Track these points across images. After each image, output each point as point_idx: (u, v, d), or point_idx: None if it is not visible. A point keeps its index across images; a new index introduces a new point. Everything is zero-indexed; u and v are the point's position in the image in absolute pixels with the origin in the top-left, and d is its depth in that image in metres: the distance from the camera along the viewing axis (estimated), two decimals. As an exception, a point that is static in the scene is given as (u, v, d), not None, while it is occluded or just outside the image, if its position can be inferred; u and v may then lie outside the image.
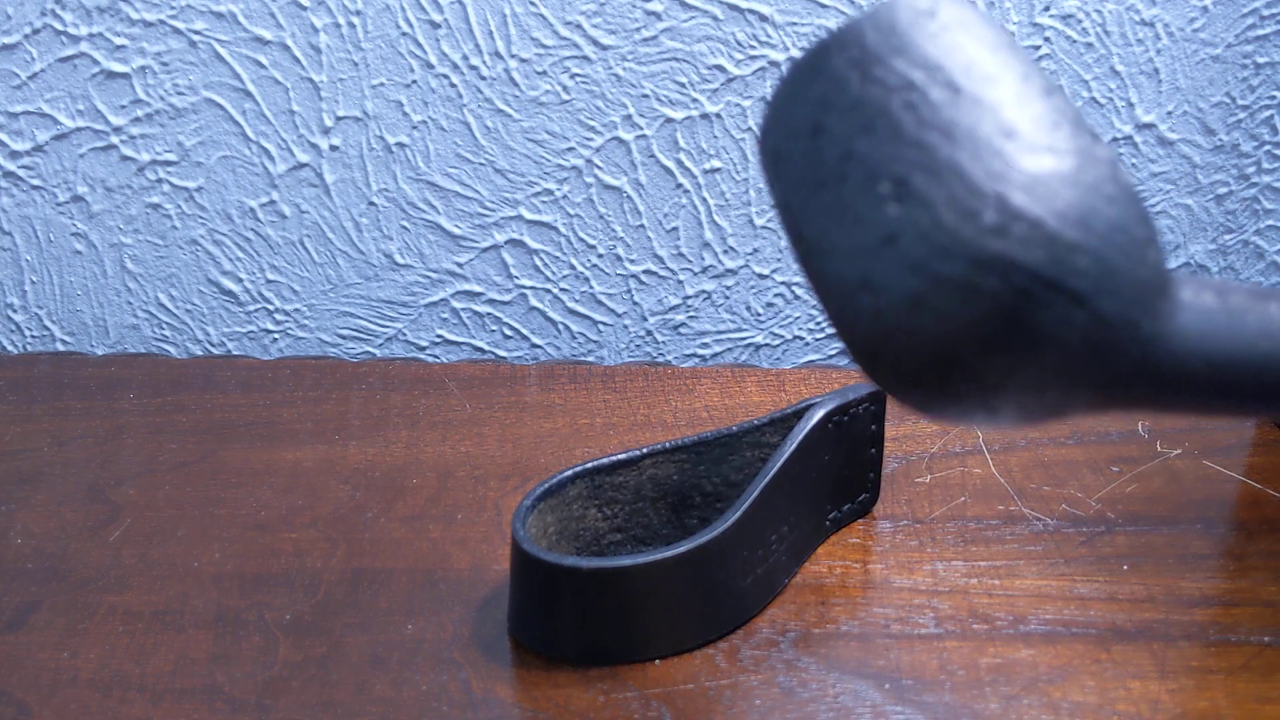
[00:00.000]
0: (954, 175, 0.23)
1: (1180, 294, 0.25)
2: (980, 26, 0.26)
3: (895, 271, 0.23)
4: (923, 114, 0.24)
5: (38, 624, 0.45)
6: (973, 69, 0.25)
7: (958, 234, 0.23)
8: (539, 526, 0.46)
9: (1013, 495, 0.54)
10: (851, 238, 0.24)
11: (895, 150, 0.24)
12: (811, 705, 0.41)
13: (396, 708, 0.41)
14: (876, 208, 0.24)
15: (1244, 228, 0.71)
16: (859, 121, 0.25)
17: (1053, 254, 0.22)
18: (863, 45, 0.25)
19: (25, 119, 0.68)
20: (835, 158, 0.25)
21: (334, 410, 0.62)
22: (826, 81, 0.25)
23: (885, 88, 0.25)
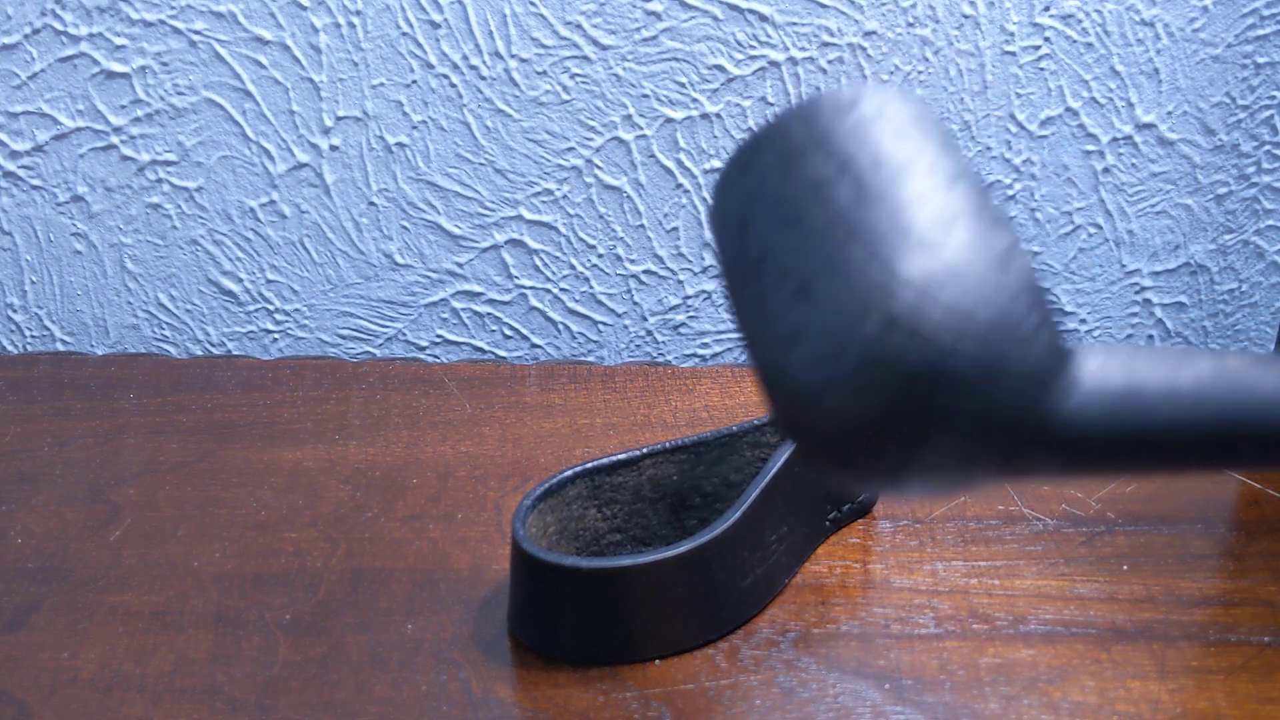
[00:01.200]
0: (848, 277, 0.25)
1: (1081, 371, 0.26)
2: (898, 115, 0.27)
3: (800, 366, 0.25)
4: (831, 212, 0.25)
5: (38, 624, 0.45)
6: (881, 163, 0.26)
7: (849, 336, 0.24)
8: (539, 526, 0.46)
9: (1013, 495, 0.54)
10: (767, 330, 0.26)
11: (804, 248, 0.26)
12: (811, 705, 0.41)
13: (396, 708, 0.41)
14: (786, 306, 0.26)
15: (1244, 228, 0.71)
16: (779, 218, 0.26)
17: (934, 353, 0.24)
18: (787, 139, 0.27)
19: (25, 119, 0.68)
20: (757, 253, 0.27)
21: (334, 410, 0.62)
22: (754, 176, 0.27)
23: (802, 184, 0.26)
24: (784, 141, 0.26)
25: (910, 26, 0.66)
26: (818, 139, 0.26)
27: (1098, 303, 0.72)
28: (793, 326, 0.25)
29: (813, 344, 0.25)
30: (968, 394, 0.24)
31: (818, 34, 0.66)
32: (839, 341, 0.24)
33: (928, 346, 0.24)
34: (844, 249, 0.25)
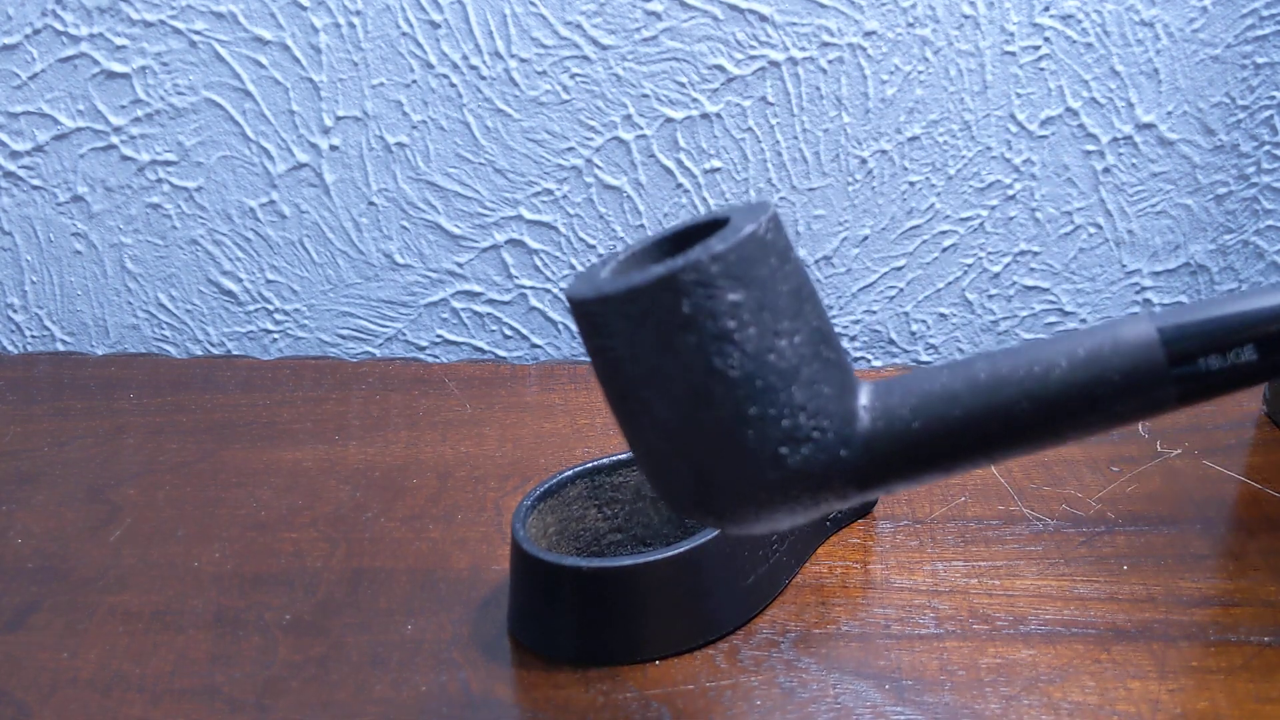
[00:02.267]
0: (731, 447, 0.32)
1: (865, 410, 0.32)
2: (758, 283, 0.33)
3: (685, 485, 0.33)
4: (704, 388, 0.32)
5: (37, 624, 0.45)
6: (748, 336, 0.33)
7: (736, 478, 0.32)
8: (539, 526, 0.46)
9: (1013, 495, 0.54)
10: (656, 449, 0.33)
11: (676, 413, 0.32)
12: (812, 706, 0.41)
13: (396, 708, 0.41)
14: (661, 447, 0.33)
15: (1244, 228, 0.71)
16: (653, 377, 0.32)
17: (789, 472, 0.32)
18: (666, 311, 0.32)
19: (26, 119, 0.68)
20: (625, 389, 0.33)
21: (334, 410, 0.62)
22: (633, 324, 0.32)
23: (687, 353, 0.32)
24: (664, 312, 0.31)
25: (910, 26, 0.66)
26: (692, 315, 0.31)
27: (1098, 303, 0.72)
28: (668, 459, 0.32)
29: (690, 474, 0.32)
30: (797, 486, 0.32)
31: (818, 34, 0.66)
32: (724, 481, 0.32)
33: (775, 473, 0.31)
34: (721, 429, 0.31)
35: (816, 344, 0.32)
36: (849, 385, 0.33)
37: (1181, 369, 0.31)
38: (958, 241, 0.71)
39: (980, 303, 0.72)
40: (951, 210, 0.70)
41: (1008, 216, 0.70)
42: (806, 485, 0.32)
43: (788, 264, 0.32)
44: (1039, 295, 0.72)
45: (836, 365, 0.33)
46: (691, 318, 0.30)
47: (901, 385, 0.33)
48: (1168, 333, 0.31)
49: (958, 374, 0.32)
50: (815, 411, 0.31)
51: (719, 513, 0.32)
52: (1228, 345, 0.31)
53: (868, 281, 0.72)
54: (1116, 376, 0.31)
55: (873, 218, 0.70)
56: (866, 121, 0.68)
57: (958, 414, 0.31)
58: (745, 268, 0.31)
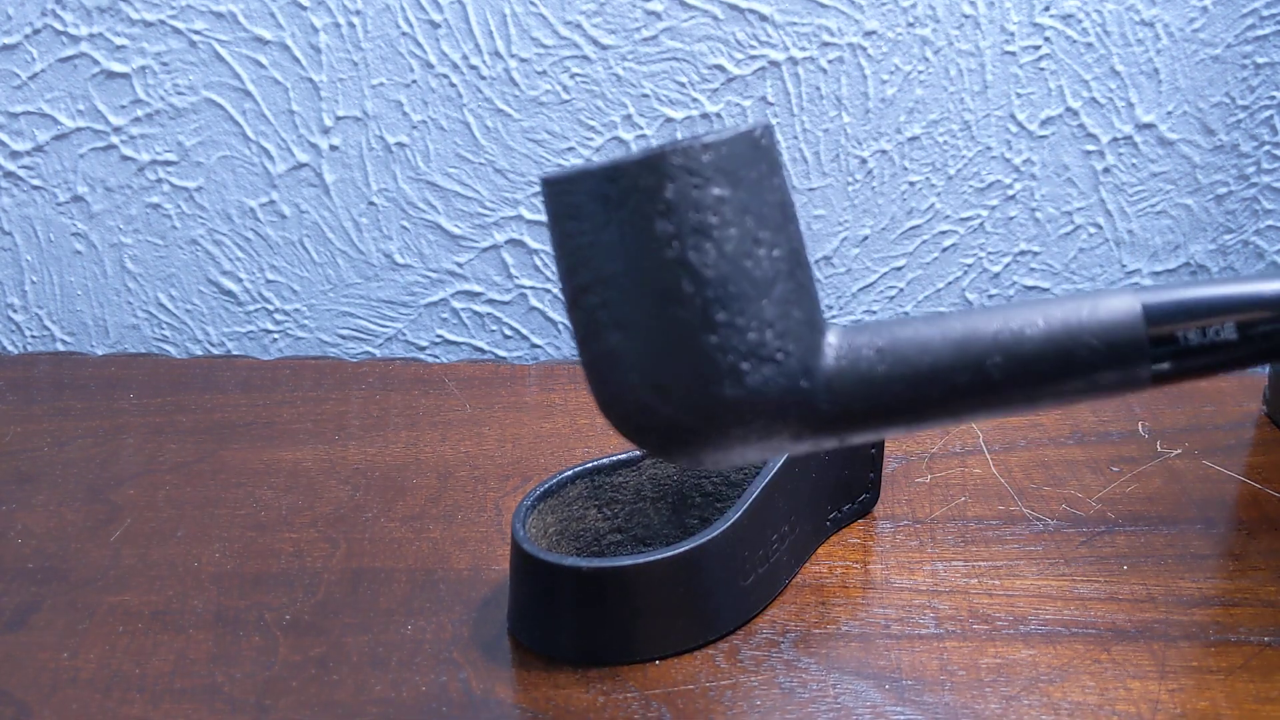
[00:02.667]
0: (684, 340, 0.30)
1: (833, 348, 0.31)
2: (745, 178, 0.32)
3: (631, 385, 0.31)
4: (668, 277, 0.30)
5: (38, 624, 0.45)
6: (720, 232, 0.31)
7: (681, 375, 0.31)
8: (539, 526, 0.46)
9: (1013, 495, 0.54)
10: (603, 342, 0.31)
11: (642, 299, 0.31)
12: (812, 706, 0.41)
13: (396, 708, 0.41)
14: (614, 335, 0.31)
15: (1244, 228, 0.71)
16: (617, 259, 0.30)
17: (734, 389, 0.30)
18: (644, 193, 0.30)
19: (26, 119, 0.68)
20: (589, 278, 0.31)
21: (334, 410, 0.62)
22: (603, 207, 0.31)
23: (656, 243, 0.31)
24: (641, 194, 0.30)
25: (910, 26, 0.66)
26: (669, 201, 0.30)
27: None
28: (617, 350, 0.31)
29: (644, 366, 0.30)
30: (751, 409, 0.30)
31: (818, 34, 0.66)
32: (670, 378, 0.30)
33: (732, 389, 0.30)
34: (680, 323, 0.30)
35: (793, 265, 0.31)
36: (818, 318, 0.32)
37: (1160, 338, 0.31)
38: (958, 241, 0.71)
39: (980, 303, 0.72)
40: (951, 210, 0.70)
41: (1008, 216, 0.70)
42: (761, 410, 0.30)
43: (777, 176, 0.31)
44: (1039, 295, 0.72)
45: (809, 294, 0.32)
46: (673, 205, 0.29)
47: (871, 328, 0.32)
48: (1149, 304, 0.31)
49: (931, 323, 0.31)
50: (783, 331, 0.30)
51: (665, 430, 0.31)
52: (1208, 321, 0.31)
53: (868, 281, 0.72)
54: (1094, 340, 0.31)
55: (873, 218, 0.70)
56: (866, 121, 0.68)
57: (926, 361, 0.31)
58: (735, 165, 0.30)
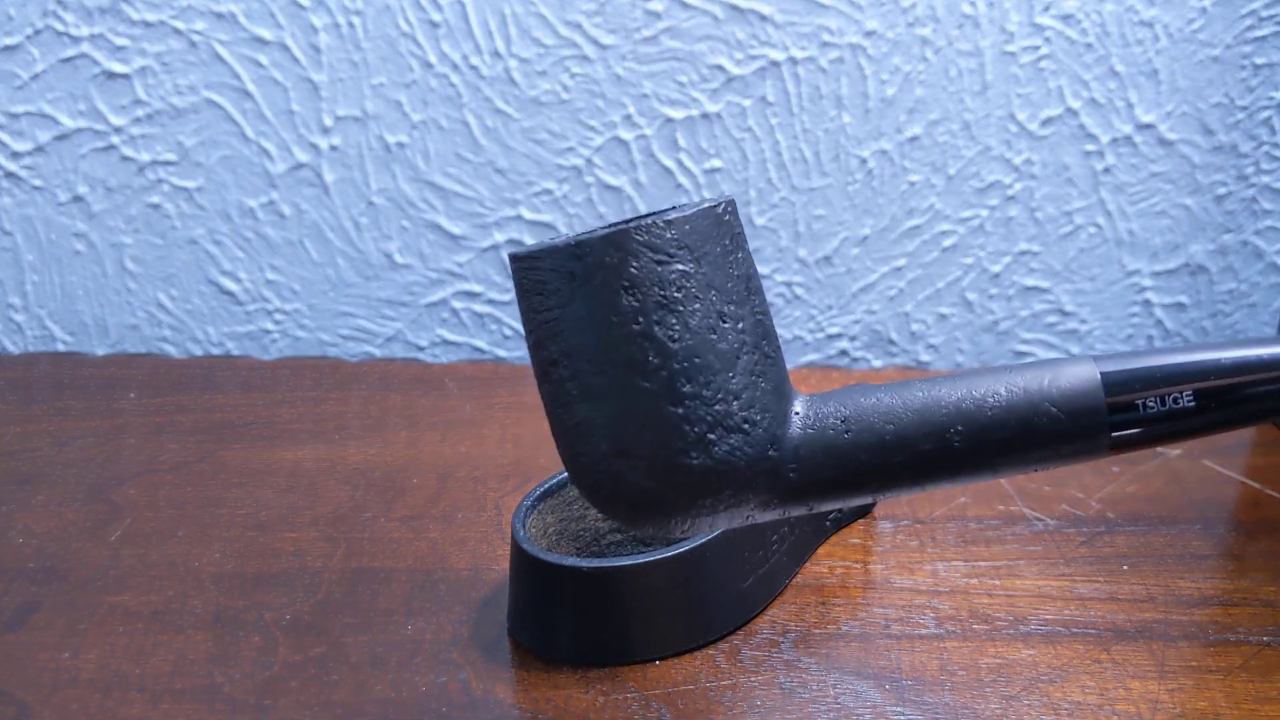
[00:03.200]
0: (654, 412, 0.31)
1: (798, 417, 0.32)
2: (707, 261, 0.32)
3: (605, 462, 0.32)
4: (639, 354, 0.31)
5: (38, 624, 0.45)
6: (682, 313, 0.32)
7: (655, 450, 0.31)
8: (539, 526, 0.46)
9: (1013, 495, 0.54)
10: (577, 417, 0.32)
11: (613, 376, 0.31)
12: (812, 706, 0.41)
13: (396, 708, 0.41)
14: (585, 407, 0.32)
15: (1243, 228, 0.71)
16: (592, 335, 0.31)
17: (709, 462, 0.31)
18: (613, 267, 0.31)
19: (26, 119, 0.68)
20: (559, 353, 0.32)
21: (334, 410, 0.62)
22: (573, 283, 0.31)
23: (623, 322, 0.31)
24: (607, 271, 0.30)
25: (910, 26, 0.66)
26: (636, 277, 0.30)
27: (1098, 303, 0.72)
28: (589, 422, 0.31)
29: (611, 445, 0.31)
30: (718, 480, 0.31)
31: (818, 34, 0.66)
32: (642, 455, 0.31)
33: (700, 458, 0.31)
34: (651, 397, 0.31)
35: (759, 337, 0.32)
36: (785, 388, 0.32)
37: (1119, 406, 0.31)
38: (958, 241, 0.71)
39: (980, 303, 0.72)
40: (951, 210, 0.70)
41: (1008, 216, 0.70)
42: (729, 480, 0.31)
43: (740, 251, 0.32)
44: (1039, 295, 0.72)
45: (775, 365, 0.32)
46: (637, 280, 0.30)
47: (837, 397, 0.33)
48: (1109, 372, 0.31)
49: (895, 392, 0.32)
50: (749, 403, 0.31)
51: (635, 499, 0.31)
52: (1167, 390, 0.31)
53: (868, 281, 0.72)
54: (1054, 409, 0.31)
55: (873, 218, 0.70)
56: (866, 121, 0.68)
57: (891, 430, 0.31)
58: (698, 241, 0.31)
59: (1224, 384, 0.31)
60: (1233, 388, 0.31)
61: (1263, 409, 0.32)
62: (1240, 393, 0.31)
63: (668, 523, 0.32)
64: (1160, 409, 0.31)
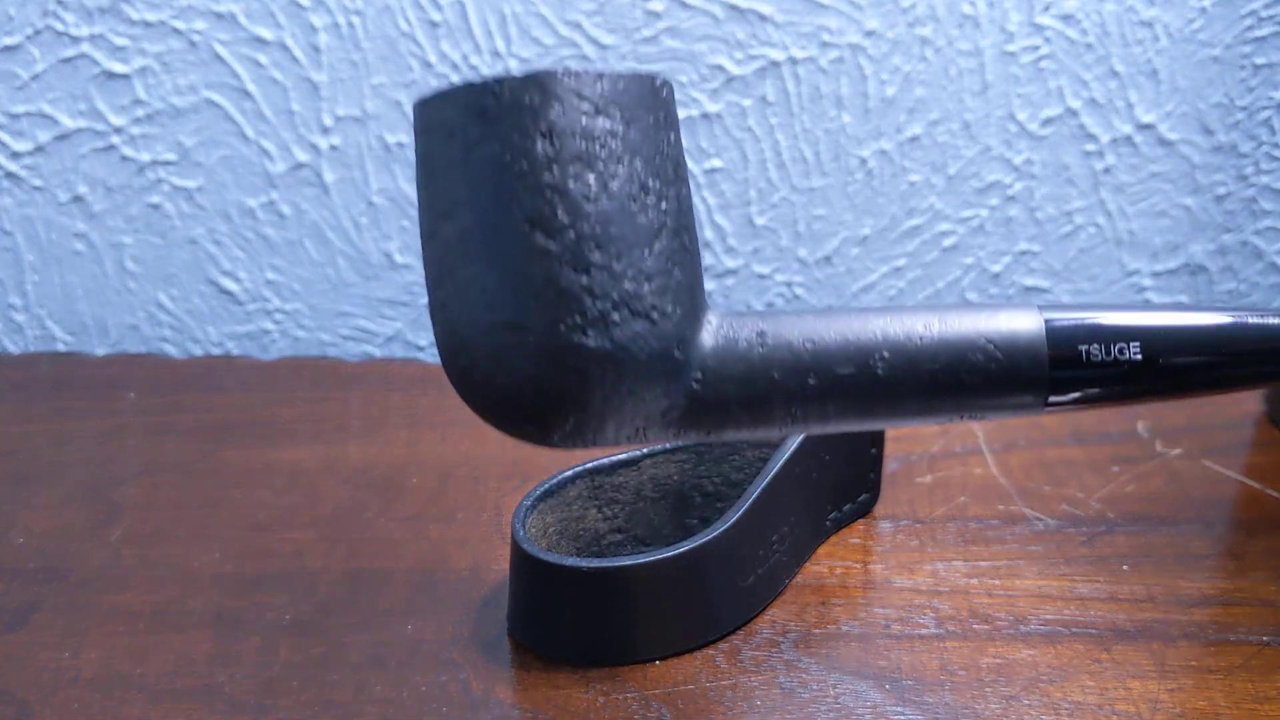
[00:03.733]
0: (541, 274, 0.28)
1: (711, 329, 0.29)
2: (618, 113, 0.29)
3: (485, 334, 0.28)
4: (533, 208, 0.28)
5: (39, 624, 0.45)
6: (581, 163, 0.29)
7: (532, 323, 0.28)
8: (539, 526, 0.46)
9: (1013, 495, 0.54)
10: (463, 283, 0.28)
11: (504, 230, 0.28)
12: (812, 706, 0.41)
13: (396, 708, 0.41)
14: (476, 267, 0.28)
15: (1242, 228, 0.71)
16: (488, 182, 0.28)
17: (601, 345, 0.28)
18: (516, 113, 0.28)
19: (27, 119, 0.68)
20: (452, 201, 0.28)
21: (334, 410, 0.62)
22: (479, 127, 0.28)
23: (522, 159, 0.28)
24: (512, 114, 0.27)
25: (910, 26, 0.66)
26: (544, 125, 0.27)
27: (1098, 303, 0.72)
28: (480, 294, 0.27)
29: (499, 316, 0.27)
30: (615, 369, 0.28)
31: (818, 34, 0.66)
32: (524, 326, 0.27)
33: (598, 339, 0.27)
34: (538, 255, 0.27)
35: (680, 225, 0.29)
36: (700, 293, 0.29)
37: (1063, 353, 0.29)
38: (958, 241, 0.71)
39: (980, 303, 0.72)
40: (951, 210, 0.70)
41: (1008, 216, 0.70)
42: (624, 371, 0.28)
43: (673, 132, 0.29)
44: (1039, 295, 0.72)
45: (693, 263, 0.29)
46: (557, 127, 0.27)
47: (758, 313, 0.30)
48: (1054, 318, 0.29)
49: (822, 314, 0.29)
50: (661, 289, 0.28)
51: (512, 385, 0.28)
52: (1113, 340, 0.29)
53: (868, 281, 0.72)
54: (990, 345, 0.29)
55: (873, 217, 0.70)
56: (866, 121, 0.68)
57: (809, 348, 0.29)
58: (630, 103, 0.28)
59: (1175, 342, 0.29)
60: (1187, 349, 0.29)
61: (1214, 377, 0.30)
62: (1190, 358, 0.29)
63: (546, 421, 0.28)
64: (1104, 358, 0.29)
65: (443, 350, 0.29)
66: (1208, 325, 0.30)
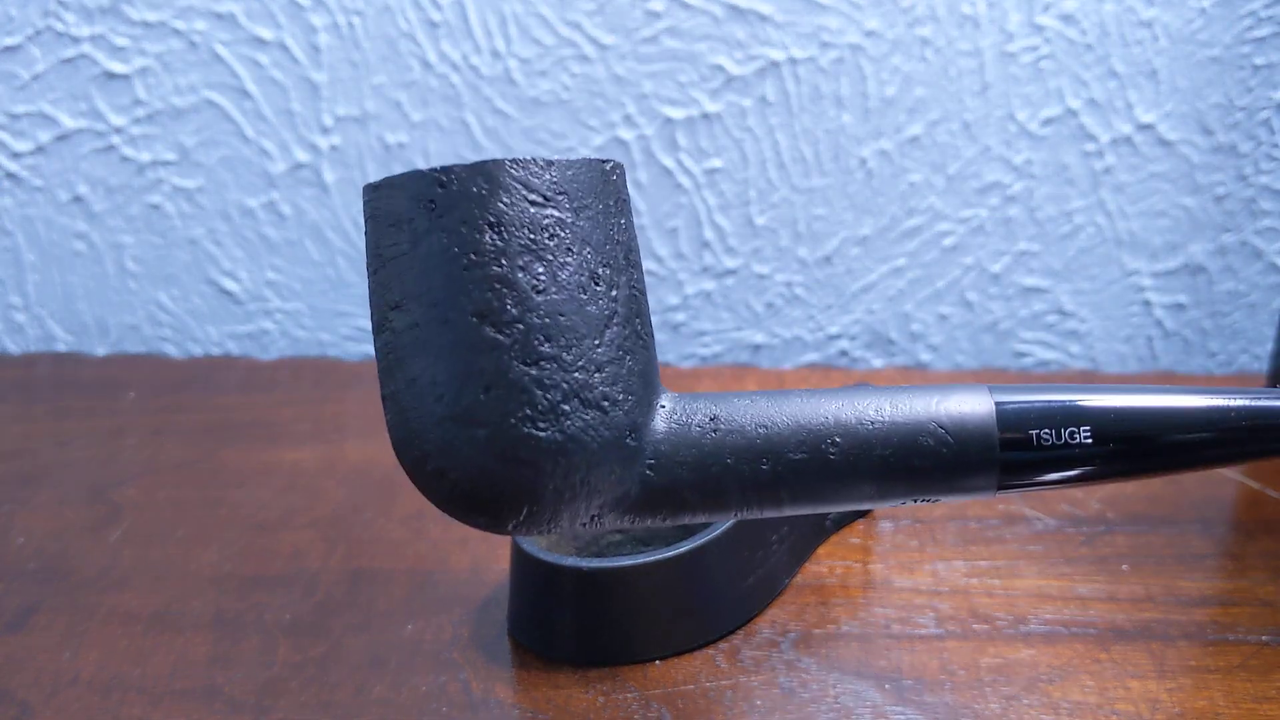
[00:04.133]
0: (491, 371, 0.28)
1: (663, 409, 0.29)
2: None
3: (436, 430, 0.28)
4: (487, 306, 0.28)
5: (39, 624, 0.45)
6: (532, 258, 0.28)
7: (480, 419, 0.28)
8: (539, 527, 0.46)
9: (1013, 495, 0.54)
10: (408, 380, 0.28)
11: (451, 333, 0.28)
12: (812, 706, 0.41)
13: (396, 708, 0.41)
14: (427, 362, 0.28)
15: (1242, 228, 0.71)
16: (436, 278, 0.28)
17: (553, 441, 0.27)
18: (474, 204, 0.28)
19: (27, 119, 0.68)
20: (398, 296, 0.28)
21: (333, 410, 0.62)
22: (430, 219, 0.28)
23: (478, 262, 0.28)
24: (468, 204, 0.27)
25: (910, 26, 0.66)
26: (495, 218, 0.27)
27: (1097, 303, 0.72)
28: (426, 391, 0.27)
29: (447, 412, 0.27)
30: (567, 460, 0.28)
31: (818, 34, 0.66)
32: (471, 421, 0.27)
33: (549, 431, 0.27)
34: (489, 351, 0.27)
35: (633, 313, 0.29)
36: (653, 378, 0.29)
37: (1013, 436, 0.29)
38: (958, 241, 0.71)
39: (980, 303, 0.72)
40: (951, 210, 0.70)
41: (1008, 216, 0.70)
42: (576, 462, 0.27)
43: (624, 218, 0.29)
44: (1039, 295, 0.72)
45: (646, 350, 0.29)
46: (505, 218, 0.27)
47: (709, 397, 0.30)
48: (1004, 401, 0.29)
49: (773, 397, 0.29)
50: (612, 379, 0.28)
51: (465, 477, 0.27)
52: (1064, 424, 0.29)
53: (868, 281, 0.72)
54: (941, 429, 0.29)
55: (873, 218, 0.70)
56: (866, 121, 0.68)
57: (761, 433, 0.29)
58: (579, 191, 0.28)
59: (1127, 428, 0.29)
60: (1137, 435, 0.29)
61: (1170, 461, 0.29)
62: (1143, 439, 0.29)
63: (499, 512, 0.28)
64: (1055, 441, 0.29)
65: (395, 441, 0.28)
66: (1160, 408, 0.29)
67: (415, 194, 0.27)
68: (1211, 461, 0.30)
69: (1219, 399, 0.29)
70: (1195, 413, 0.29)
